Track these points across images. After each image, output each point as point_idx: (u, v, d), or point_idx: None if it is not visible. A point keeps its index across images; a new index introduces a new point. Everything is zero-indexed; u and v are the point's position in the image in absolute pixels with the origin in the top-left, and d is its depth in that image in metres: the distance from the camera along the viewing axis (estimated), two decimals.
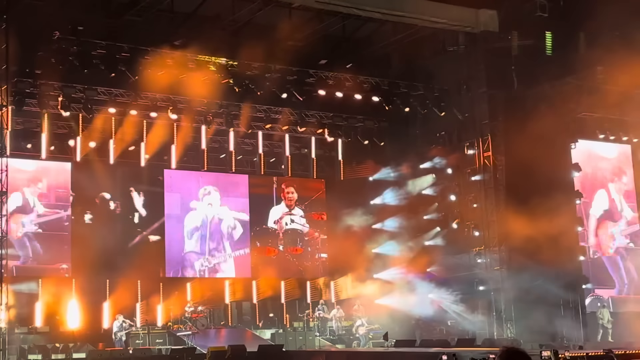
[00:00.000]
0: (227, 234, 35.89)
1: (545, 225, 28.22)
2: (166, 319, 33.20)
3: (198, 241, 35.19)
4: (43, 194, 32.35)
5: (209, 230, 35.43)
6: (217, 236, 35.73)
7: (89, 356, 26.26)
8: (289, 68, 32.12)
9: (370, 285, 35.68)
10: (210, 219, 35.58)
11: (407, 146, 36.10)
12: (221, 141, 36.45)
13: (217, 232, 35.69)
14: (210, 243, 35.53)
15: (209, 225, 35.46)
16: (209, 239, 35.44)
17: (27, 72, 29.31)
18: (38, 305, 30.96)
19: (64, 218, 32.60)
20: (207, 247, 35.36)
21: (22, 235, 31.61)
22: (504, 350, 5.29)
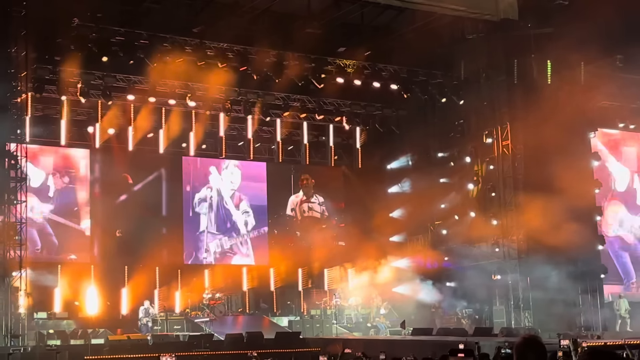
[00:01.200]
0: (242, 218, 35.96)
1: (563, 215, 28.08)
2: (184, 306, 33.34)
3: (213, 220, 35.25)
4: (62, 180, 32.52)
5: (223, 208, 35.48)
6: (232, 217, 35.79)
7: (108, 342, 26.37)
8: (307, 56, 32.10)
9: (388, 273, 35.66)
10: (230, 195, 35.66)
11: (425, 134, 35.99)
12: (239, 129, 36.50)
13: (233, 212, 35.75)
14: (228, 223, 35.63)
15: (223, 203, 35.52)
16: (226, 218, 35.52)
17: (47, 59, 29.43)
18: (57, 291, 31.15)
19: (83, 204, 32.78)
20: (223, 227, 35.46)
21: (41, 221, 31.81)
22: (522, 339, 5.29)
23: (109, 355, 24.31)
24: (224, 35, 30.59)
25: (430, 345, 24.04)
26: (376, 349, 21.84)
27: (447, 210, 35.45)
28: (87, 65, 30.06)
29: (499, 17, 31.11)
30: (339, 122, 37.07)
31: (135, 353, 24.23)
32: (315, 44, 31.09)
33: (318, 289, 36.94)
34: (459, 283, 33.67)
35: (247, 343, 25.99)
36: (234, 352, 24.54)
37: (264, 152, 37.60)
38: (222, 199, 35.66)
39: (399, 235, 37.13)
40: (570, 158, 29.93)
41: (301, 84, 33.03)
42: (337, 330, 32.68)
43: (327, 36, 31.28)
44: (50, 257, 31.86)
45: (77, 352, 24.28)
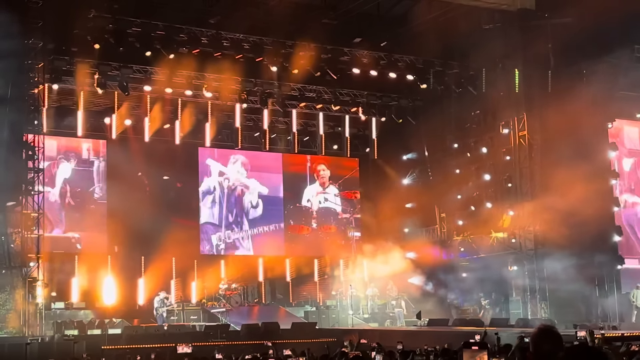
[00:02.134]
0: (247, 209, 35.99)
1: (580, 206, 27.96)
2: (200, 296, 33.46)
3: (216, 211, 35.32)
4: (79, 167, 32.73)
5: (227, 198, 35.52)
6: (237, 209, 35.86)
7: (125, 332, 26.51)
8: (323, 46, 32.08)
9: (403, 264, 35.64)
10: (234, 188, 35.70)
11: (442, 125, 35.90)
12: (255, 120, 36.53)
13: (237, 204, 35.81)
14: (229, 216, 35.68)
15: (227, 194, 35.56)
16: (227, 210, 35.57)
17: (63, 50, 29.54)
18: (74, 281, 31.32)
19: (100, 194, 32.91)
20: (226, 220, 35.55)
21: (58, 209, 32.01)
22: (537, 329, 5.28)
23: (125, 345, 24.45)
24: (240, 26, 30.61)
25: (446, 336, 24.05)
26: (392, 340, 21.89)
27: (463, 200, 35.39)
28: (104, 56, 30.15)
29: (515, 7, 30.98)
30: (355, 113, 37.02)
31: (152, 343, 24.36)
32: (331, 34, 31.07)
33: (334, 279, 36.97)
34: (475, 274, 33.61)
35: (263, 333, 26.08)
36: (250, 342, 24.61)
37: (279, 143, 37.61)
38: (236, 190, 35.71)
39: (414, 226, 37.09)
40: (587, 148, 29.81)
41: (317, 75, 33.01)
42: (353, 320, 32.70)
43: (343, 27, 31.26)
44: (67, 248, 31.98)
45: (94, 342, 24.44)
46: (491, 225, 33.37)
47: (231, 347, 22.95)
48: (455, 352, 12.69)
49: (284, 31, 30.81)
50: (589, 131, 30.18)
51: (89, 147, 33.00)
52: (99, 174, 32.98)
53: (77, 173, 32.59)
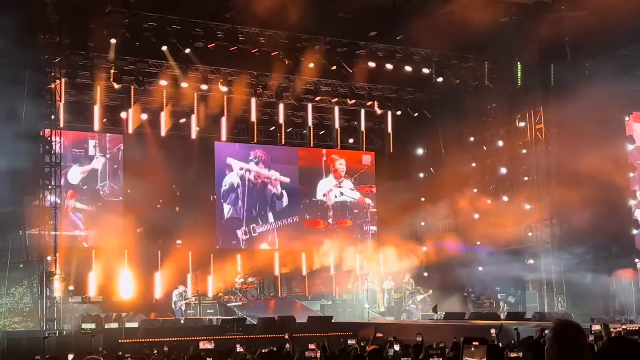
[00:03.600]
0: (271, 202, 36.09)
1: (597, 198, 27.86)
2: (217, 290, 33.54)
3: (240, 206, 35.43)
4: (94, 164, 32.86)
5: (249, 192, 35.61)
6: (261, 202, 35.94)
7: (142, 325, 26.61)
8: (338, 40, 32.06)
9: (420, 257, 35.61)
10: (255, 182, 35.81)
11: (457, 118, 35.82)
12: (271, 113, 36.54)
13: (260, 197, 35.89)
14: (253, 210, 35.77)
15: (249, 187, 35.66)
16: (250, 204, 35.65)
17: (80, 45, 29.62)
18: (91, 275, 31.45)
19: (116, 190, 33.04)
20: (249, 213, 35.64)
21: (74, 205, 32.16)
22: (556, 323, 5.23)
23: (142, 339, 24.55)
24: (256, 20, 30.60)
25: (463, 330, 24.01)
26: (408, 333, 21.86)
27: (480, 194, 35.31)
28: (120, 51, 30.22)
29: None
30: (371, 107, 37.00)
31: (169, 337, 24.45)
32: (347, 28, 31.01)
33: (350, 273, 36.96)
34: (491, 267, 33.53)
35: (279, 327, 26.11)
36: (267, 336, 24.66)
37: (295, 137, 37.62)
38: (252, 184, 35.79)
39: (430, 219, 37.02)
40: (604, 141, 29.65)
41: (333, 69, 33.00)
42: (369, 314, 32.70)
43: (358, 20, 31.21)
44: (85, 242, 32.14)
45: (111, 336, 24.54)
46: (508, 218, 33.28)
47: (247, 341, 23.00)
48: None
49: (300, 25, 30.77)
50: (605, 124, 30.03)
51: (95, 144, 33.05)
52: (109, 170, 33.04)
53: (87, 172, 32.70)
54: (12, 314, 26.73)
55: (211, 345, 17.13)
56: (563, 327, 5.13)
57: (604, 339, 10.64)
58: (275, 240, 36.09)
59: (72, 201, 32.12)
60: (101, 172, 32.92)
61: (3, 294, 26.61)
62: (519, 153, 33.42)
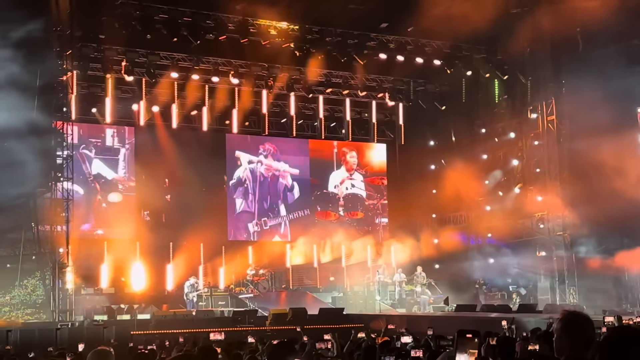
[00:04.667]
0: (283, 194, 36.14)
1: (609, 190, 27.75)
2: (228, 282, 33.61)
3: (250, 200, 35.50)
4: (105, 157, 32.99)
5: (259, 186, 35.66)
6: (272, 195, 35.97)
7: (154, 317, 26.70)
8: (349, 32, 32.00)
9: (431, 249, 35.58)
10: (266, 175, 35.86)
11: (469, 110, 35.73)
12: (282, 105, 36.52)
13: (271, 190, 35.92)
14: (264, 202, 35.81)
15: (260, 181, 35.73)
16: (261, 197, 35.68)
17: (91, 37, 29.68)
18: (104, 267, 31.55)
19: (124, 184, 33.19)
20: (261, 206, 35.69)
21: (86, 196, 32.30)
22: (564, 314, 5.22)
23: (154, 331, 24.62)
24: (267, 12, 30.58)
25: (474, 322, 23.98)
26: (420, 325, 21.85)
27: (491, 186, 35.25)
28: (132, 43, 30.29)
29: None
30: (382, 99, 36.95)
31: (181, 328, 24.49)
32: (358, 19, 30.94)
33: (361, 265, 36.97)
34: (503, 260, 33.49)
35: (290, 319, 26.15)
36: (278, 328, 24.70)
37: (306, 129, 37.60)
38: (263, 178, 35.84)
39: (441, 212, 36.99)
40: (616, 132, 29.52)
41: (344, 60, 32.94)
42: (381, 306, 32.70)
43: (369, 12, 31.10)
44: (97, 234, 32.26)
45: (123, 327, 24.61)
46: (519, 210, 33.21)
47: (259, 333, 23.04)
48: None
49: (311, 17, 30.73)
50: (617, 115, 29.88)
51: (113, 134, 33.21)
52: (123, 161, 33.17)
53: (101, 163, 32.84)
54: (24, 305, 26.86)
55: (222, 336, 17.15)
56: (571, 318, 5.12)
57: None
58: (288, 233, 36.13)
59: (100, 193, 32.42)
60: (121, 163, 33.08)
61: (16, 286, 26.75)
62: (531, 145, 33.33)
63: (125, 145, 33.34)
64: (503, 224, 34.04)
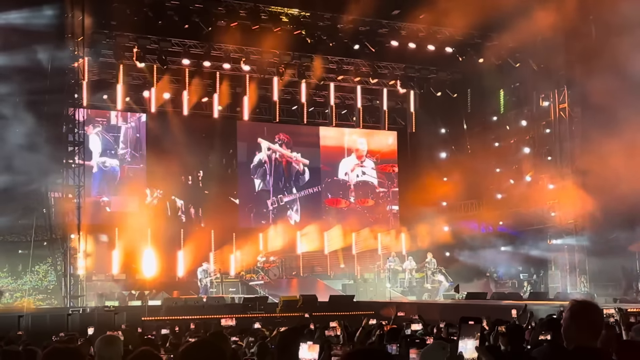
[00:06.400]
0: (295, 177, 36.30)
1: (621, 178, 27.62)
2: (239, 269, 33.68)
3: (268, 180, 35.73)
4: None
5: (275, 169, 35.84)
6: (286, 176, 36.18)
7: (164, 303, 26.78)
8: (361, 19, 31.90)
9: (442, 237, 35.55)
10: (281, 160, 36.01)
11: (481, 98, 35.62)
12: (293, 93, 36.48)
13: (286, 172, 36.09)
14: (279, 183, 36.03)
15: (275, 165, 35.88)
16: (277, 178, 35.89)
17: (103, 24, 29.68)
18: (115, 253, 31.66)
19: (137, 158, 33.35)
20: (276, 186, 35.96)
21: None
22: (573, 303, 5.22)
23: (165, 317, 24.69)
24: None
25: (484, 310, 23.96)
26: (430, 313, 21.86)
27: (502, 174, 35.17)
28: (143, 30, 30.27)
29: None
30: (393, 86, 36.87)
31: (192, 314, 24.57)
32: (370, 7, 30.81)
33: (372, 252, 37.01)
34: (514, 247, 33.44)
35: (301, 306, 26.19)
36: (288, 315, 24.75)
37: (317, 117, 37.57)
38: (277, 162, 35.93)
39: (452, 200, 36.95)
40: (629, 121, 29.36)
41: (355, 48, 32.87)
42: (391, 293, 32.73)
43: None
44: (108, 220, 32.34)
45: (134, 313, 24.71)
46: (530, 198, 33.13)
47: (269, 320, 23.11)
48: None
49: (322, 4, 30.65)
50: (630, 103, 29.73)
51: (117, 114, 33.33)
52: (128, 138, 33.27)
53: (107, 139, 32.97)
54: (36, 291, 27.01)
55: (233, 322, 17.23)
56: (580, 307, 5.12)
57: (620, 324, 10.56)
58: (299, 210, 36.16)
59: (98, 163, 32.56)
60: (123, 138, 33.16)
61: (27, 271, 26.88)
62: (543, 133, 33.22)
63: (130, 123, 33.42)
64: (514, 212, 33.97)
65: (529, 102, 33.96)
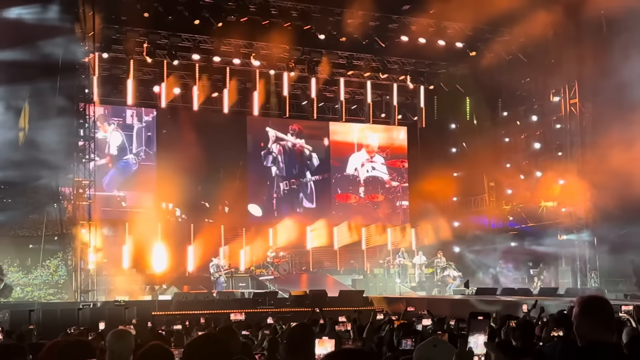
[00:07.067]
0: (307, 163, 36.40)
1: (632, 174, 27.53)
2: (249, 264, 33.72)
3: (282, 167, 35.98)
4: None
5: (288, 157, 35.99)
6: (299, 163, 36.40)
7: (174, 298, 26.85)
8: (371, 14, 31.85)
9: (452, 232, 35.53)
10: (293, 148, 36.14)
11: (491, 93, 35.55)
12: (303, 88, 36.48)
13: (298, 159, 36.34)
14: (293, 169, 36.21)
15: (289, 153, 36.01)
16: (290, 164, 36.09)
17: (113, 19, 29.72)
18: (125, 248, 31.73)
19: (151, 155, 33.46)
20: (290, 172, 36.24)
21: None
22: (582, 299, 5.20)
23: (175, 311, 24.74)
24: None
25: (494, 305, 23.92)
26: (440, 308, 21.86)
27: (513, 169, 35.10)
28: (153, 25, 30.31)
29: None
30: (403, 81, 36.82)
31: (202, 309, 24.60)
32: (380, 2, 30.79)
33: (381, 248, 37.00)
34: (524, 243, 33.38)
35: (310, 301, 26.20)
36: (298, 310, 24.76)
37: (327, 112, 37.55)
38: (290, 150, 36.04)
39: (462, 195, 36.90)
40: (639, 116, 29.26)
41: (365, 43, 32.85)
42: (401, 289, 32.73)
43: None
44: (118, 215, 32.42)
45: (144, 308, 24.76)
46: (541, 194, 33.07)
47: (279, 315, 23.12)
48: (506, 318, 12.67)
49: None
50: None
51: (132, 113, 33.39)
52: (141, 137, 33.35)
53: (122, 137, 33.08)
54: (47, 285, 27.09)
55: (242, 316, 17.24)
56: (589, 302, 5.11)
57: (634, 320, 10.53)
58: (314, 194, 36.14)
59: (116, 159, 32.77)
60: (137, 138, 33.26)
61: (38, 266, 26.97)
62: (553, 128, 33.13)
63: (143, 122, 33.49)
64: (524, 207, 33.92)
65: (539, 97, 33.84)
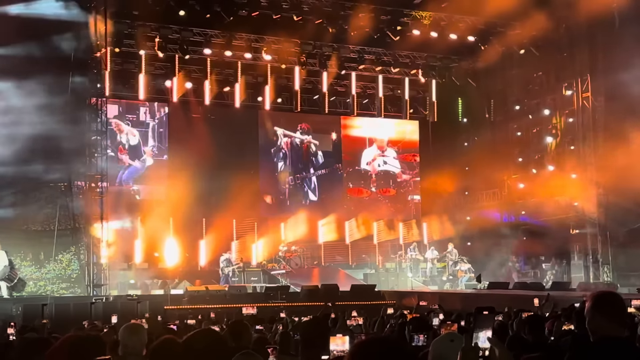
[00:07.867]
0: (312, 158, 36.45)
1: None
2: (261, 258, 33.76)
3: (288, 163, 36.06)
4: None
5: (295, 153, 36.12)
6: (304, 158, 36.43)
7: (187, 293, 26.92)
8: (383, 8, 31.81)
9: (463, 227, 35.48)
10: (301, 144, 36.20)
11: (503, 87, 35.45)
12: (314, 82, 36.45)
13: (304, 154, 36.37)
14: (299, 164, 36.32)
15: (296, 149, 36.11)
16: (296, 159, 36.21)
17: (125, 13, 29.77)
18: (137, 242, 31.82)
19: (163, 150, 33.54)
20: (296, 166, 36.31)
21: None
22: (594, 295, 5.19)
23: (187, 306, 24.82)
24: None
25: (506, 299, 23.89)
26: (452, 302, 21.84)
27: (525, 163, 35.03)
28: (164, 20, 30.35)
29: None
30: (415, 75, 36.76)
31: (214, 304, 24.68)
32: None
33: (393, 242, 36.99)
34: (536, 237, 33.30)
35: (322, 295, 26.22)
36: (310, 304, 24.78)
37: (338, 106, 37.52)
38: (297, 147, 36.06)
39: (474, 189, 36.83)
40: None
41: (377, 37, 32.81)
42: (413, 283, 32.71)
43: None
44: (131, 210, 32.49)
45: (157, 302, 24.84)
46: (553, 188, 32.97)
47: (291, 309, 23.15)
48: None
49: None
50: None
51: (146, 110, 33.45)
52: (155, 133, 33.42)
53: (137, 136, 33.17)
54: (59, 280, 27.21)
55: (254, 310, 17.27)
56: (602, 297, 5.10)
57: None
58: (315, 188, 36.15)
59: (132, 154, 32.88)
60: (151, 133, 33.39)
61: (51, 260, 27.09)
62: (566, 122, 33.02)
63: (155, 120, 33.55)
64: (536, 201, 33.83)
65: (551, 91, 33.73)
